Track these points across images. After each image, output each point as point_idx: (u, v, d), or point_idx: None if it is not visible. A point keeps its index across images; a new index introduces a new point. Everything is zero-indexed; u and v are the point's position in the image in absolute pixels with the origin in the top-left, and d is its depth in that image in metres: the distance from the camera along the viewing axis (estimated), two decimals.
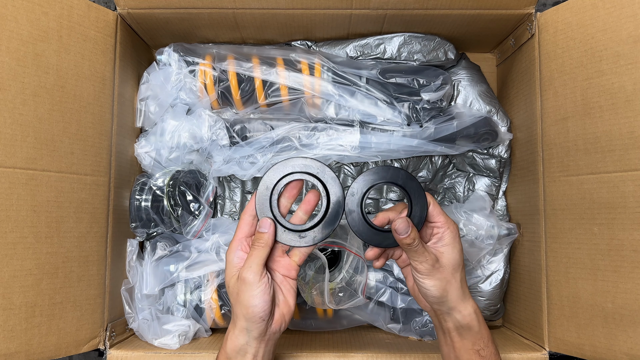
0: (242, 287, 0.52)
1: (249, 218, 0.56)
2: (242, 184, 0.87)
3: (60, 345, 0.65)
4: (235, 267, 0.55)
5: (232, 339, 0.54)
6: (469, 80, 0.85)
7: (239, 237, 0.56)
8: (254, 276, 0.52)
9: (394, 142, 0.79)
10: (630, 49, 0.61)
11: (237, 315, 0.53)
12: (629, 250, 0.61)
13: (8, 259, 0.59)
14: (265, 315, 0.53)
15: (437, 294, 0.55)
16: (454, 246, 0.56)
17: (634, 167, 0.60)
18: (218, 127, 0.80)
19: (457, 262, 0.56)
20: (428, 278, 0.54)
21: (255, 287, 0.52)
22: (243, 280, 0.52)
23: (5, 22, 0.59)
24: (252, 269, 0.52)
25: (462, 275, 0.56)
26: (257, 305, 0.52)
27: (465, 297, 0.56)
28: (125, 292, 0.77)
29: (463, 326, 0.55)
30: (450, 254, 0.55)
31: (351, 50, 0.83)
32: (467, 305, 0.55)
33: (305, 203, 0.57)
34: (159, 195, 0.78)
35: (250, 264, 0.53)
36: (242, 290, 0.52)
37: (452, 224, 0.57)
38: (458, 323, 0.56)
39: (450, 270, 0.55)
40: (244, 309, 0.52)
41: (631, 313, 0.61)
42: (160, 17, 0.77)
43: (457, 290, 0.55)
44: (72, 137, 0.67)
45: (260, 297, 0.52)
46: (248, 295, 0.52)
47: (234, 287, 0.54)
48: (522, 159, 0.82)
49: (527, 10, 0.75)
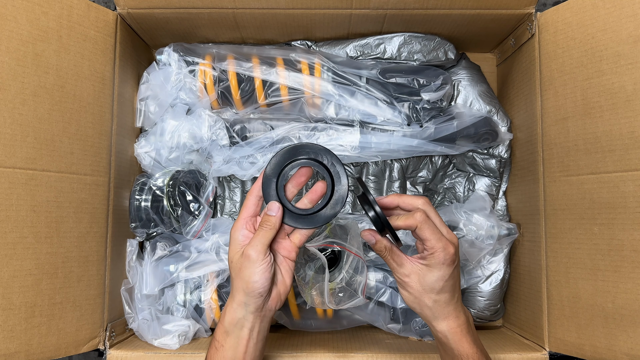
0: (246, 263, 0.54)
1: (255, 199, 0.57)
2: (242, 184, 0.87)
3: (60, 345, 0.65)
4: (239, 244, 0.56)
5: (230, 312, 0.56)
6: (469, 80, 0.85)
7: (244, 217, 0.57)
8: (257, 254, 0.54)
9: (394, 142, 0.79)
10: (631, 49, 0.61)
11: (236, 288, 0.55)
12: (629, 250, 0.61)
13: (8, 259, 0.59)
14: (264, 291, 0.55)
15: (409, 304, 0.58)
16: (431, 270, 0.55)
17: (634, 167, 0.60)
18: (218, 127, 0.80)
19: (430, 287, 0.56)
20: (400, 286, 0.58)
21: (258, 264, 0.54)
22: (247, 257, 0.54)
23: (5, 22, 0.59)
24: (257, 247, 0.54)
25: (439, 296, 0.56)
26: (258, 281, 0.54)
27: (437, 318, 0.57)
28: (125, 292, 0.77)
29: (439, 339, 0.58)
30: (426, 276, 0.56)
31: (351, 50, 0.83)
32: (440, 324, 0.57)
33: (313, 192, 0.58)
34: (159, 195, 0.78)
35: (256, 243, 0.54)
36: (245, 266, 0.54)
37: (442, 248, 0.55)
38: (437, 337, 0.58)
39: (420, 290, 0.56)
40: (244, 284, 0.54)
41: (631, 313, 0.61)
42: (160, 17, 0.77)
43: (428, 309, 0.57)
44: (72, 137, 0.67)
45: (261, 274, 0.54)
46: (250, 272, 0.54)
47: (237, 262, 0.55)
48: (522, 159, 0.82)
49: (527, 10, 0.75)
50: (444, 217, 0.79)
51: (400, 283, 0.58)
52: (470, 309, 0.83)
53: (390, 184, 0.86)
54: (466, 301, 0.84)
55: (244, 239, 0.56)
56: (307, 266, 0.73)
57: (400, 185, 0.86)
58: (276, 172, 0.56)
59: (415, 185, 0.88)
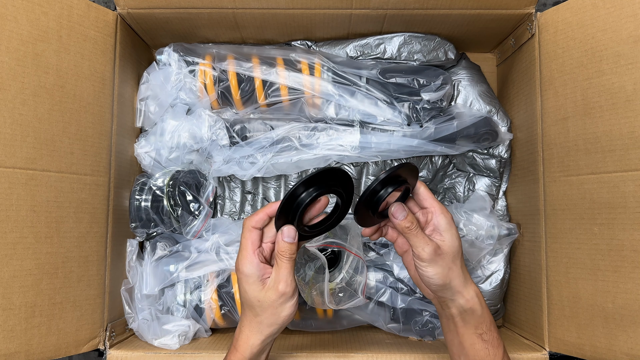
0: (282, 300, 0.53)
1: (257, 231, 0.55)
2: (242, 184, 0.87)
3: (60, 345, 0.65)
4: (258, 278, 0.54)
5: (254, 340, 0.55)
6: (469, 80, 0.85)
7: (252, 251, 0.54)
8: (293, 289, 0.54)
9: (394, 142, 0.79)
10: (631, 49, 0.61)
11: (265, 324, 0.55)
12: (629, 250, 0.61)
13: (8, 259, 0.59)
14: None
15: (440, 282, 0.54)
16: (451, 232, 0.55)
17: (634, 167, 0.60)
18: (218, 127, 0.80)
19: (457, 248, 0.55)
20: (430, 266, 0.54)
21: (293, 298, 0.54)
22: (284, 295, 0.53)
23: (5, 22, 0.59)
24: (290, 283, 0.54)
25: (461, 260, 0.56)
26: (292, 314, 0.55)
27: (467, 282, 0.56)
28: (125, 292, 0.77)
29: (466, 310, 0.55)
30: (449, 240, 0.55)
31: (351, 50, 0.83)
32: (469, 290, 0.55)
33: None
34: (159, 195, 0.78)
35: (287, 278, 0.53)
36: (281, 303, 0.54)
37: (445, 209, 0.57)
38: (461, 308, 0.55)
39: (451, 257, 0.55)
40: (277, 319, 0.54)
41: (631, 313, 0.61)
42: (160, 17, 0.77)
43: (459, 276, 0.55)
44: (72, 137, 0.67)
45: (295, 306, 0.55)
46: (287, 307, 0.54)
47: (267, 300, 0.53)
48: (522, 159, 0.82)
49: (527, 10, 0.75)
50: None
51: (427, 262, 0.54)
52: None
53: None
54: None
55: (262, 272, 0.54)
56: (307, 266, 0.73)
57: None
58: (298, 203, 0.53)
59: None
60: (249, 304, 0.55)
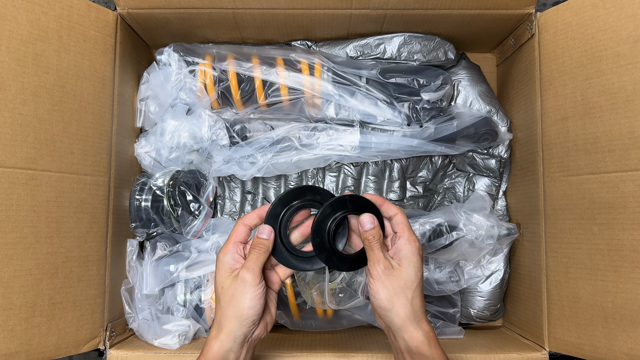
0: (241, 287, 0.52)
1: (244, 227, 0.57)
2: (242, 184, 0.87)
3: (60, 345, 0.65)
4: (229, 267, 0.55)
5: (216, 345, 0.53)
6: (469, 80, 0.85)
7: (234, 241, 0.56)
8: (254, 278, 0.52)
9: (394, 142, 0.79)
10: (630, 49, 0.61)
11: (226, 317, 0.53)
12: (629, 250, 0.61)
13: (8, 259, 0.59)
14: (258, 318, 0.53)
15: (383, 305, 0.53)
16: (410, 260, 0.54)
17: (634, 167, 0.60)
18: (218, 127, 0.80)
19: (411, 278, 0.53)
20: (377, 283, 0.53)
21: (255, 288, 0.52)
22: (243, 280, 0.52)
23: (5, 22, 0.59)
24: (253, 271, 0.53)
25: (415, 294, 0.53)
26: (254, 307, 0.52)
27: (418, 320, 0.53)
28: (125, 292, 0.77)
29: (412, 349, 0.53)
30: (405, 267, 0.53)
31: (351, 50, 0.83)
32: (417, 329, 0.53)
33: (305, 227, 0.59)
34: (159, 195, 0.78)
35: (251, 266, 0.53)
36: (240, 291, 0.52)
37: (414, 238, 0.55)
38: (407, 345, 0.53)
39: (401, 284, 0.53)
40: (237, 310, 0.52)
41: (631, 313, 0.61)
42: (160, 17, 0.77)
43: (405, 307, 0.52)
44: (72, 137, 0.67)
45: (257, 300, 0.52)
46: (246, 297, 0.52)
47: (230, 287, 0.53)
48: (522, 159, 0.82)
49: (527, 10, 0.75)
50: (443, 217, 0.80)
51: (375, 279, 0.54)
52: (470, 309, 0.83)
53: (390, 183, 0.86)
54: (466, 301, 0.84)
55: (234, 262, 0.55)
56: None
57: (400, 185, 0.86)
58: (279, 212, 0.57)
59: (415, 185, 0.88)
60: (217, 294, 0.55)
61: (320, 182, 0.86)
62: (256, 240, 0.55)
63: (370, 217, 0.55)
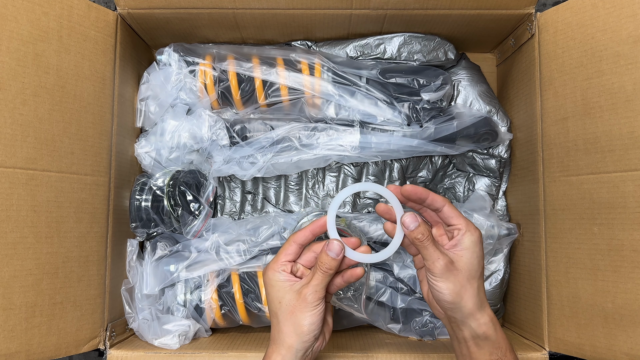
0: (302, 305, 0.53)
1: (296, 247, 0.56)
2: (242, 184, 0.87)
3: (60, 345, 0.65)
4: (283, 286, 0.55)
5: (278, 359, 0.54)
6: (469, 80, 0.85)
7: (283, 261, 0.56)
8: (317, 298, 0.53)
9: (394, 142, 0.79)
10: (630, 49, 0.61)
11: (286, 333, 0.54)
12: (629, 250, 0.61)
13: (8, 259, 0.59)
14: (318, 333, 0.54)
15: (450, 299, 0.52)
16: (473, 251, 0.53)
17: (634, 167, 0.60)
18: (218, 127, 0.80)
19: (475, 269, 0.53)
20: (442, 280, 0.52)
21: (316, 307, 0.54)
22: (305, 300, 0.53)
23: (5, 22, 0.59)
24: (316, 292, 0.53)
25: (479, 283, 0.54)
26: (314, 323, 0.53)
27: (482, 306, 0.53)
28: (125, 292, 0.77)
29: (479, 335, 0.53)
30: (468, 258, 0.53)
31: (351, 50, 0.83)
32: (483, 314, 0.53)
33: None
34: (159, 195, 0.78)
35: (315, 287, 0.53)
36: (300, 310, 0.53)
37: (473, 228, 0.54)
38: (474, 332, 0.53)
39: (466, 275, 0.52)
40: (297, 327, 0.53)
41: (631, 313, 0.61)
42: (160, 17, 0.77)
43: (472, 297, 0.52)
44: (72, 137, 0.67)
45: (317, 317, 0.53)
46: (307, 315, 0.53)
47: (289, 305, 0.54)
48: (522, 159, 0.82)
49: (527, 10, 0.75)
50: None
51: (438, 277, 0.52)
52: None
53: (391, 183, 0.86)
54: None
55: (288, 281, 0.55)
56: None
57: (400, 185, 0.86)
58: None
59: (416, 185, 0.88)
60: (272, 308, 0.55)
61: (321, 182, 0.86)
62: (325, 259, 0.54)
63: (412, 215, 0.53)
